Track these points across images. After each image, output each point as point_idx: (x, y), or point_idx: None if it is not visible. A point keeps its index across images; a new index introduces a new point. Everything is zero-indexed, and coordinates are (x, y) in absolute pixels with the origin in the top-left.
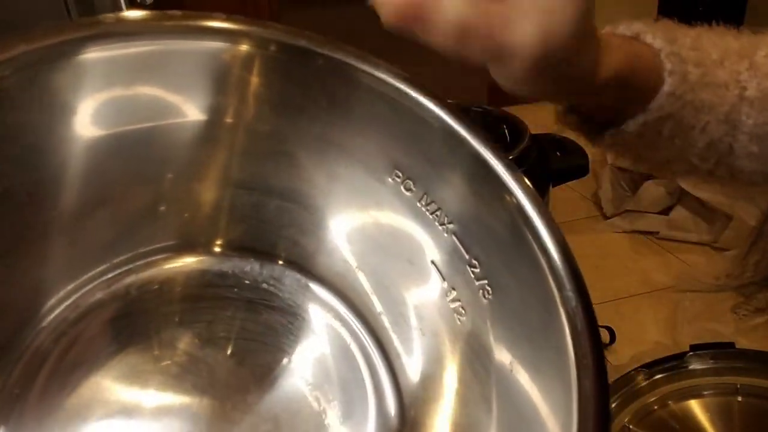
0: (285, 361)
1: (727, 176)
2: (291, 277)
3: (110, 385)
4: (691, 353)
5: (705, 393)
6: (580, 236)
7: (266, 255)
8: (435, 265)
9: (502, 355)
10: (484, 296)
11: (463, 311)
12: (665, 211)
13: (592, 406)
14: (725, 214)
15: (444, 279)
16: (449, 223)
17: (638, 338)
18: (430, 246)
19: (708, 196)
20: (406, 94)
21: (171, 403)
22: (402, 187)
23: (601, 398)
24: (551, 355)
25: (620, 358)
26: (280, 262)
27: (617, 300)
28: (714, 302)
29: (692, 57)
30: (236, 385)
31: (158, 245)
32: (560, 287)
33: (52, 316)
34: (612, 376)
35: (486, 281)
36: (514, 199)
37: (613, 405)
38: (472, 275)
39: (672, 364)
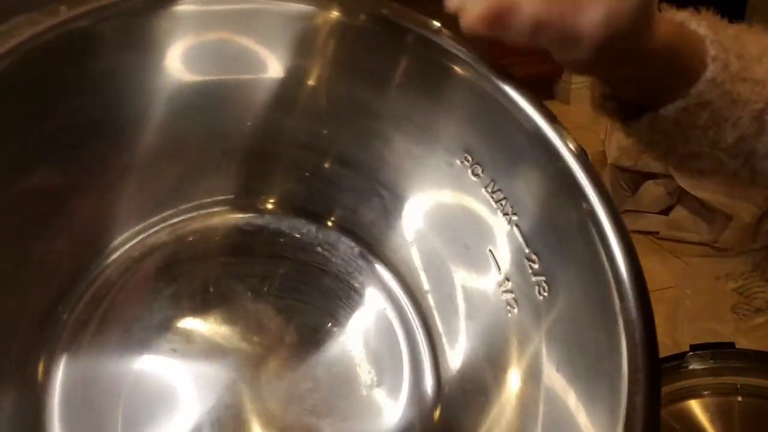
0: (330, 324)
1: (748, 178)
2: (345, 244)
3: (164, 322)
4: (691, 353)
5: (705, 393)
6: None
7: (322, 219)
8: (492, 254)
9: (551, 354)
10: (540, 292)
11: (515, 303)
12: (665, 211)
13: (640, 422)
14: (725, 214)
15: (499, 268)
16: (513, 214)
17: None
18: (489, 233)
19: (708, 196)
20: (501, 90)
21: (219, 347)
22: (469, 171)
23: (651, 415)
24: (602, 362)
25: None
26: (336, 229)
27: None
28: (714, 302)
29: (734, 49)
30: (282, 341)
31: (220, 197)
32: (622, 297)
33: (119, 252)
34: None
35: (543, 278)
36: (590, 206)
37: None
38: (530, 269)
39: (672, 364)
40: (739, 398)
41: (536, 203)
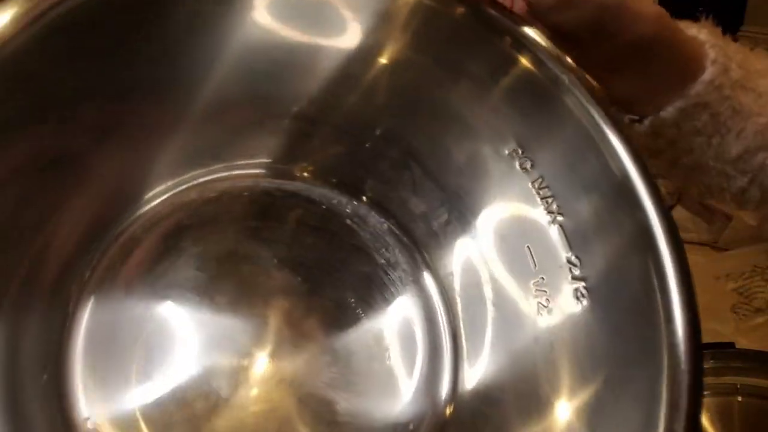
0: (353, 300)
1: (758, 197)
2: (375, 219)
3: (191, 276)
4: None
5: (705, 393)
6: None
7: (356, 193)
8: (529, 250)
9: (582, 367)
10: (578, 298)
11: (547, 304)
12: None
13: None
14: (725, 214)
15: (535, 265)
16: (559, 214)
17: None
18: (529, 229)
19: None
20: (576, 98)
21: (240, 309)
22: (517, 163)
23: None
24: (639, 385)
25: None
26: (368, 204)
27: None
28: (714, 302)
29: (737, 58)
30: (304, 311)
31: (255, 160)
32: (668, 319)
33: (150, 206)
34: None
35: (584, 284)
36: (646, 218)
37: None
38: (570, 273)
39: None
40: (739, 398)
41: (586, 208)
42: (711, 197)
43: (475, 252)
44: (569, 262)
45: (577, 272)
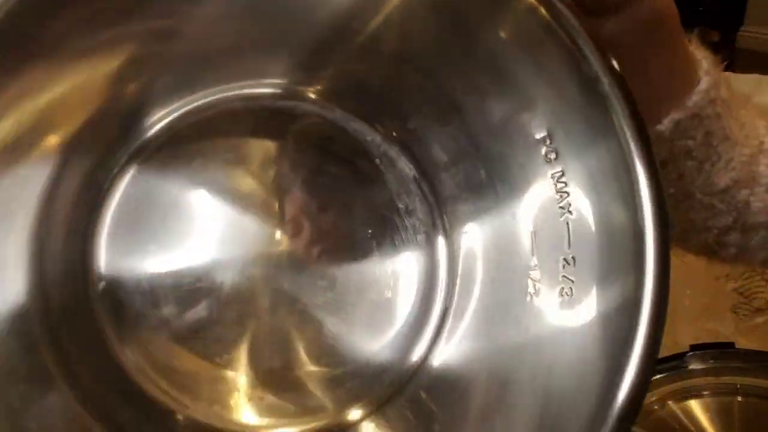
0: (363, 235)
1: (738, 242)
2: (404, 164)
3: (220, 174)
4: (691, 353)
5: (705, 393)
6: None
7: (388, 132)
8: (533, 236)
9: (554, 354)
10: (561, 294)
11: (536, 290)
12: None
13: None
14: None
15: (533, 253)
16: (569, 212)
17: None
18: (535, 216)
19: None
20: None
21: (260, 212)
22: (543, 151)
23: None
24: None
25: None
26: (398, 145)
27: None
28: (714, 302)
29: (724, 75)
30: (315, 234)
31: (279, 80)
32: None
33: (161, 115)
34: None
35: (572, 285)
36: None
37: None
38: (562, 269)
39: (672, 364)
40: (739, 398)
41: (600, 218)
42: (690, 241)
43: (487, 216)
44: (565, 258)
45: (569, 270)
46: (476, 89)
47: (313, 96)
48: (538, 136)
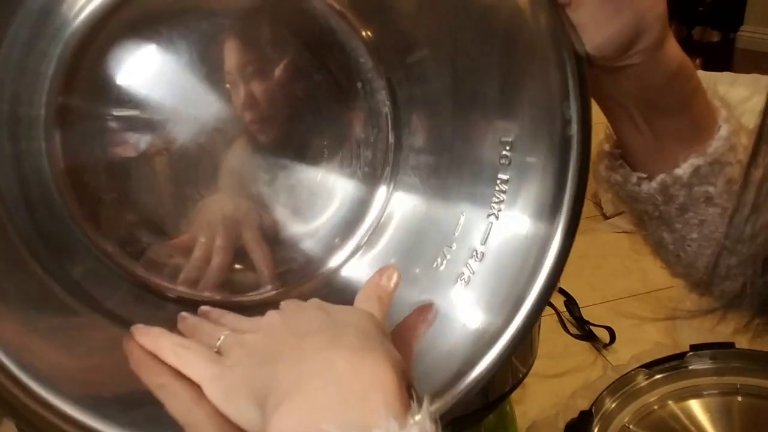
0: (317, 145)
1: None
2: (382, 98)
3: (197, 35)
4: (691, 353)
5: (705, 393)
6: (581, 236)
7: (382, 66)
8: (461, 216)
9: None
10: (459, 279)
11: (441, 263)
12: None
13: None
14: None
15: (455, 232)
16: (496, 217)
17: (638, 338)
18: (471, 200)
19: None
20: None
21: (225, 91)
22: (500, 152)
23: None
24: None
25: (620, 358)
26: (385, 81)
27: (617, 300)
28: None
29: (745, 125)
30: (270, 126)
31: None
32: None
33: None
34: (612, 377)
35: (471, 276)
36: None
37: (613, 405)
38: (469, 261)
39: (672, 364)
40: (739, 398)
41: (512, 242)
42: (717, 289)
43: (428, 185)
44: (475, 253)
45: (473, 266)
46: (478, 69)
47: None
48: (504, 138)
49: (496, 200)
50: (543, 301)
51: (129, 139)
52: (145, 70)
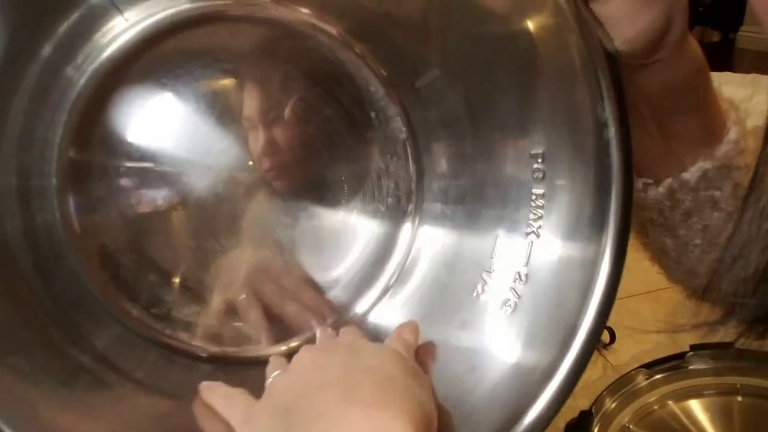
0: (336, 182)
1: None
2: (397, 125)
3: (202, 80)
4: (691, 353)
5: (705, 393)
6: None
7: (394, 89)
8: (496, 239)
9: (481, 354)
10: (504, 305)
11: (482, 291)
12: None
13: None
14: None
15: (493, 256)
16: (536, 234)
17: (638, 338)
18: (506, 219)
19: None
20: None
21: (240, 136)
22: (533, 166)
23: None
24: None
25: (620, 358)
26: (399, 105)
27: (617, 300)
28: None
29: (753, 129)
30: (288, 170)
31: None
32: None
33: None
34: (612, 377)
35: (518, 300)
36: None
37: (613, 405)
38: (513, 281)
39: (672, 364)
40: (739, 398)
41: (559, 256)
42: (717, 294)
43: (464, 212)
44: (518, 275)
45: (519, 288)
46: (495, 80)
47: (334, 31)
48: (534, 151)
49: (534, 216)
50: (600, 323)
51: (144, 196)
52: (153, 124)
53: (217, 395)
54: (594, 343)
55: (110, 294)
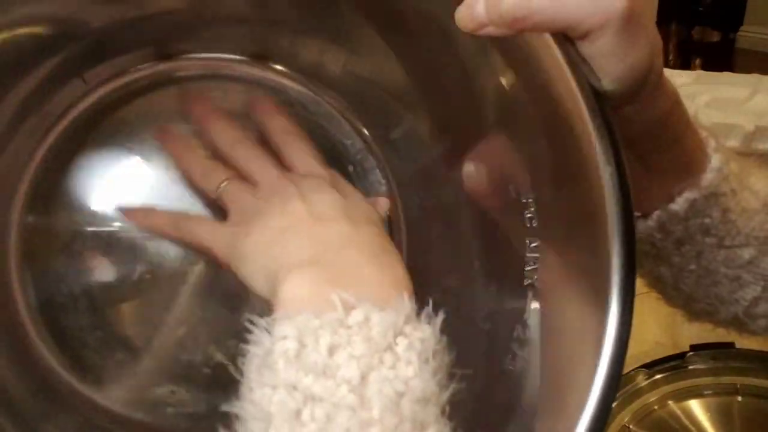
0: None
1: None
2: (377, 176)
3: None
4: (691, 353)
5: (705, 393)
6: None
7: (370, 137)
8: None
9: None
10: (507, 364)
11: (487, 322)
12: None
13: None
14: None
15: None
16: (533, 282)
17: (638, 338)
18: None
19: None
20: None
21: (203, 202)
22: (526, 213)
23: None
24: None
25: None
26: (375, 159)
27: None
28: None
29: (732, 152)
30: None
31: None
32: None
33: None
34: None
35: (517, 353)
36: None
37: (613, 405)
38: (514, 337)
39: (672, 364)
40: (739, 398)
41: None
42: (718, 315)
43: (443, 252)
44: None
45: (520, 337)
46: (478, 125)
47: (305, 87)
48: (524, 199)
49: (530, 268)
50: (615, 380)
51: (108, 263)
52: (119, 187)
53: (166, 218)
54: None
55: (79, 381)
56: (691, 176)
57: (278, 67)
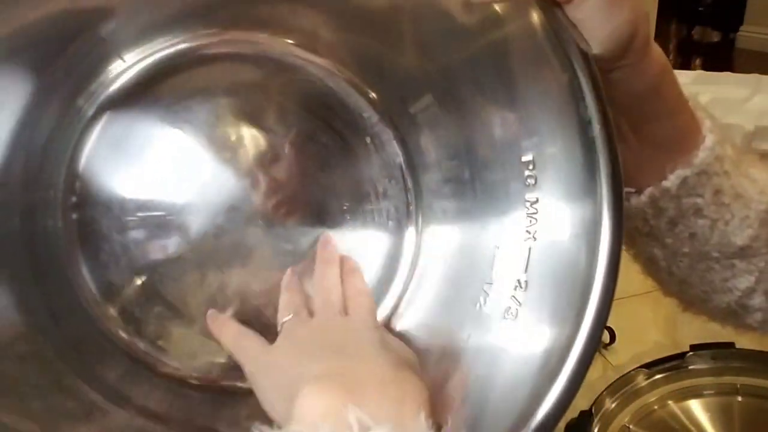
0: (336, 208)
1: (764, 306)
2: (393, 149)
3: (204, 117)
4: (691, 353)
5: (705, 393)
6: None
7: (390, 114)
8: (496, 250)
9: (488, 365)
10: (506, 314)
11: (484, 302)
12: None
13: None
14: None
15: (493, 267)
16: (534, 238)
17: (638, 338)
18: (503, 232)
19: None
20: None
21: (241, 165)
22: (525, 174)
23: None
24: None
25: (620, 358)
26: (393, 130)
27: (617, 300)
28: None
29: (730, 137)
30: (288, 199)
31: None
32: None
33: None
34: (612, 376)
35: (519, 307)
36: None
37: (613, 405)
38: (513, 289)
39: (672, 364)
40: (739, 398)
41: (558, 257)
42: (711, 303)
43: (463, 226)
44: (518, 283)
45: (520, 294)
46: (483, 94)
47: (322, 60)
48: (524, 158)
49: (530, 223)
50: (604, 312)
51: (150, 235)
52: (153, 163)
53: (228, 330)
54: (597, 343)
55: (116, 328)
56: (684, 154)
57: (296, 43)
